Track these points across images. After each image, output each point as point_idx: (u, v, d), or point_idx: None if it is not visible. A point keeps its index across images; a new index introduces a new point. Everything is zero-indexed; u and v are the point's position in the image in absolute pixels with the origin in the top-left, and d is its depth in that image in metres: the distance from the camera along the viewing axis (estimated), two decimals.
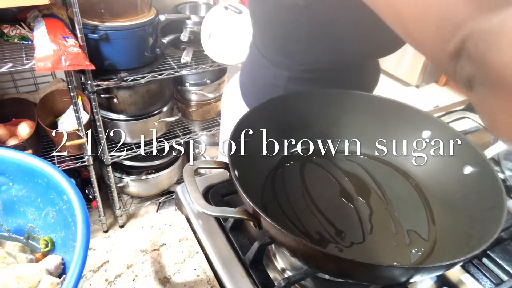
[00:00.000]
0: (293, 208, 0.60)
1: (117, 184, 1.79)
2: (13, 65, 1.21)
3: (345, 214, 0.60)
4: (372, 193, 0.64)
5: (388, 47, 0.70)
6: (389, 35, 0.41)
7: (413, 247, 0.55)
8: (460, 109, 0.91)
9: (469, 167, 0.58)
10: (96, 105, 1.45)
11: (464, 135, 0.60)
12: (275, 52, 0.73)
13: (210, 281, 0.55)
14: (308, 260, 0.48)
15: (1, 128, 1.44)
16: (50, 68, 1.14)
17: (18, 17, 1.38)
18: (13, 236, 0.50)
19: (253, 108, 0.63)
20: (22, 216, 0.50)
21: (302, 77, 0.73)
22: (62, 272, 0.45)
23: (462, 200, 0.58)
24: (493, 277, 0.57)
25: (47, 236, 0.48)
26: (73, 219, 0.42)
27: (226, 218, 0.62)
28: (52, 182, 0.45)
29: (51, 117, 1.57)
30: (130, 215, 1.98)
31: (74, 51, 1.18)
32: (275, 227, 0.44)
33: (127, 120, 1.61)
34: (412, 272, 0.43)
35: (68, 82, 1.33)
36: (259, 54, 0.77)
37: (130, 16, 1.37)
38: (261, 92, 0.79)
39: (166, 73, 1.50)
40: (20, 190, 0.49)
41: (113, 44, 1.36)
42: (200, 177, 0.70)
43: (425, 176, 0.65)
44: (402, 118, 0.67)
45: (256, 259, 0.55)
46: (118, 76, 1.40)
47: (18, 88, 1.63)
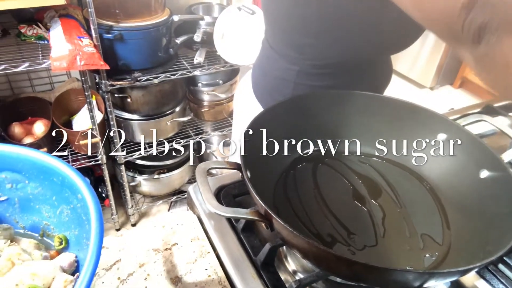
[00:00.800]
0: (305, 209, 0.60)
1: (130, 183, 1.80)
2: (30, 65, 1.23)
3: (358, 216, 0.59)
4: (386, 196, 0.63)
5: (397, 42, 0.70)
6: (398, 29, 0.40)
7: (427, 252, 0.55)
8: (476, 112, 0.89)
9: (486, 171, 0.57)
10: (110, 104, 1.46)
11: (481, 138, 0.59)
12: (285, 46, 0.73)
13: (221, 281, 0.55)
14: (320, 263, 0.47)
15: (17, 126, 1.46)
16: (66, 67, 1.16)
17: (35, 17, 1.40)
18: (29, 233, 0.51)
19: (266, 108, 0.63)
20: (37, 213, 0.50)
21: (311, 72, 0.73)
22: (76, 269, 0.46)
23: (478, 204, 0.57)
24: (509, 283, 0.55)
25: (61, 234, 0.49)
26: (87, 218, 0.42)
27: (238, 219, 0.62)
28: (67, 181, 0.45)
29: (65, 116, 1.59)
30: (142, 214, 1.99)
31: (89, 51, 1.20)
32: (287, 229, 0.44)
33: (140, 120, 1.62)
34: (426, 277, 0.42)
35: (83, 82, 1.35)
36: (270, 49, 0.77)
37: (144, 16, 1.39)
38: (271, 86, 0.80)
39: (179, 73, 1.51)
40: (35, 188, 0.49)
41: (127, 44, 1.38)
42: (212, 178, 0.70)
43: (440, 179, 0.64)
44: (417, 121, 0.66)
45: (268, 260, 0.55)
46: (132, 76, 1.42)
47: (34, 87, 1.66)
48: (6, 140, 1.42)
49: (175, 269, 0.57)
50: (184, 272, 0.56)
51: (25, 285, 0.40)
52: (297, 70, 0.73)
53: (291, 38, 0.71)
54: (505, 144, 0.81)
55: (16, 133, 1.45)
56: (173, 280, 0.55)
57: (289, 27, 0.70)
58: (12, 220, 0.51)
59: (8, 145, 0.48)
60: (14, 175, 0.49)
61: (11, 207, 0.50)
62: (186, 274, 0.56)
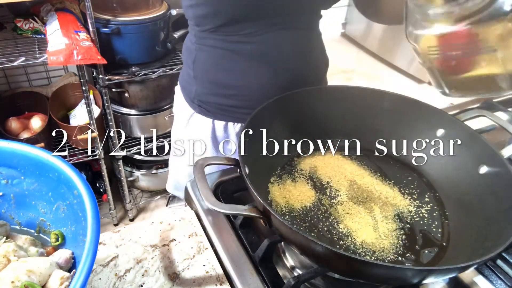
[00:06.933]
0: (303, 206, 0.60)
1: (128, 178, 1.80)
2: (26, 59, 1.22)
3: (356, 212, 0.59)
4: (384, 192, 0.63)
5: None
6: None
7: (426, 248, 0.54)
8: (475, 107, 0.89)
9: (485, 166, 0.56)
10: (108, 99, 1.45)
11: (480, 134, 0.59)
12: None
13: (219, 277, 0.55)
14: (319, 259, 0.47)
15: (14, 121, 1.45)
16: (62, 62, 1.15)
17: (31, 11, 1.38)
18: (25, 229, 0.51)
19: (262, 106, 0.62)
20: (34, 209, 0.50)
21: (209, 37, 0.72)
22: (72, 266, 0.45)
23: (477, 200, 0.56)
24: (508, 279, 0.55)
25: (57, 230, 0.48)
26: (84, 214, 0.41)
27: (236, 215, 0.62)
28: (63, 177, 0.45)
29: (63, 110, 1.58)
30: (140, 209, 1.99)
31: (86, 45, 1.19)
32: (285, 225, 0.44)
33: (138, 115, 1.62)
34: (425, 273, 0.42)
35: (80, 76, 1.34)
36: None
37: (142, 10, 1.37)
38: (183, 60, 0.82)
39: (177, 67, 1.50)
40: (31, 183, 0.49)
41: (125, 39, 1.36)
42: (210, 173, 0.70)
43: (439, 175, 0.64)
44: (416, 116, 0.66)
45: (266, 256, 0.55)
46: (130, 71, 1.41)
47: (31, 81, 1.65)
48: (3, 135, 1.41)
49: (173, 265, 0.56)
50: (182, 268, 0.56)
51: (21, 282, 0.40)
52: (193, 34, 0.76)
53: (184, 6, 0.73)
54: (504, 140, 0.81)
55: (13, 128, 1.44)
56: (171, 276, 0.55)
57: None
58: (8, 216, 0.50)
59: (3, 141, 0.47)
60: (9, 170, 0.48)
61: (7, 203, 0.50)
62: (184, 270, 0.56)
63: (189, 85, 0.80)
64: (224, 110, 0.77)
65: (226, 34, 0.70)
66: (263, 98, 0.63)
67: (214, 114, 0.79)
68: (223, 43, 0.71)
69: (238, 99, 0.75)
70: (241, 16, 0.67)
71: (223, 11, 0.66)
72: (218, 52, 0.73)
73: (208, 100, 0.78)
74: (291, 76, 0.74)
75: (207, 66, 0.76)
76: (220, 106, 0.77)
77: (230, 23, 0.68)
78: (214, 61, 0.75)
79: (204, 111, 0.79)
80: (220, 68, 0.74)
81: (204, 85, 0.77)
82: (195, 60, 0.76)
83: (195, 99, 0.79)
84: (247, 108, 0.74)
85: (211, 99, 0.77)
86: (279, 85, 0.73)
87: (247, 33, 0.69)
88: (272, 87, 0.72)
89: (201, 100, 0.78)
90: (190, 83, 0.79)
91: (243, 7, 0.65)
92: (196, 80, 0.78)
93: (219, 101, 0.77)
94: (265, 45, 0.71)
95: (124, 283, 0.53)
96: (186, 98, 0.82)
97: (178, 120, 0.87)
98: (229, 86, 0.75)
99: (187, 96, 0.82)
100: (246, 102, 0.75)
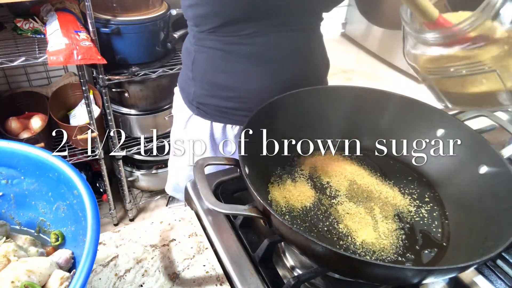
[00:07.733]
0: (303, 206, 0.60)
1: (128, 178, 1.80)
2: (26, 59, 1.22)
3: (356, 212, 0.59)
4: (384, 192, 0.63)
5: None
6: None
7: (425, 248, 0.54)
8: None
9: (485, 166, 0.56)
10: (108, 99, 1.45)
11: (480, 134, 0.59)
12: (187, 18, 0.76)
13: (219, 277, 0.55)
14: (318, 259, 0.47)
15: (14, 121, 1.45)
16: (62, 62, 1.15)
17: (31, 11, 1.38)
18: (25, 229, 0.51)
19: (263, 106, 0.62)
20: (33, 209, 0.50)
21: (208, 38, 0.72)
22: (72, 266, 0.45)
23: (477, 200, 0.56)
24: (508, 279, 0.55)
25: (57, 230, 0.48)
26: (83, 214, 0.41)
27: (236, 215, 0.62)
28: (63, 177, 0.45)
29: (63, 110, 1.58)
30: (140, 208, 1.99)
31: (86, 45, 1.19)
32: (285, 225, 0.44)
33: (138, 115, 1.62)
34: (425, 273, 0.42)
35: (80, 76, 1.34)
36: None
37: (142, 10, 1.37)
38: (182, 61, 0.83)
39: (177, 68, 1.50)
40: (31, 183, 0.49)
41: (125, 39, 1.36)
42: (210, 173, 0.70)
43: (439, 175, 0.64)
44: (416, 115, 0.66)
45: (266, 256, 0.55)
46: (130, 71, 1.41)
47: (31, 81, 1.65)
48: (3, 135, 1.41)
49: (173, 265, 0.56)
50: (182, 268, 0.56)
51: (21, 282, 0.40)
52: (192, 35, 0.76)
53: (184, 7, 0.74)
54: (504, 140, 0.81)
55: (13, 128, 1.44)
56: (171, 276, 0.55)
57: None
58: (8, 216, 0.50)
59: (3, 141, 0.47)
60: (9, 170, 0.48)
61: (7, 203, 0.50)
62: (184, 270, 0.56)
63: (188, 86, 0.80)
64: (222, 112, 0.77)
65: (225, 35, 0.70)
66: (262, 100, 0.63)
67: (213, 116, 0.78)
68: (222, 45, 0.71)
69: (237, 101, 0.75)
70: (240, 16, 0.66)
71: (223, 11, 0.66)
72: (217, 54, 0.73)
73: (206, 102, 0.77)
74: (291, 78, 0.74)
75: (206, 67, 0.75)
76: (219, 108, 0.77)
77: (230, 23, 0.68)
78: (213, 63, 0.74)
79: (202, 113, 0.79)
80: (219, 69, 0.74)
81: (202, 86, 0.77)
82: (194, 62, 0.76)
83: (194, 100, 0.79)
84: (246, 111, 0.74)
85: (209, 101, 0.77)
86: (278, 87, 0.72)
87: (246, 34, 0.68)
88: (271, 90, 0.71)
89: (200, 102, 0.78)
90: (189, 85, 0.79)
91: (243, 7, 0.65)
92: (195, 82, 0.77)
93: (218, 103, 0.76)
94: (264, 47, 0.70)
95: (124, 283, 0.53)
96: (185, 100, 0.82)
97: (177, 122, 0.87)
98: (228, 88, 0.75)
99: (186, 98, 0.81)
100: (245, 105, 0.75)
